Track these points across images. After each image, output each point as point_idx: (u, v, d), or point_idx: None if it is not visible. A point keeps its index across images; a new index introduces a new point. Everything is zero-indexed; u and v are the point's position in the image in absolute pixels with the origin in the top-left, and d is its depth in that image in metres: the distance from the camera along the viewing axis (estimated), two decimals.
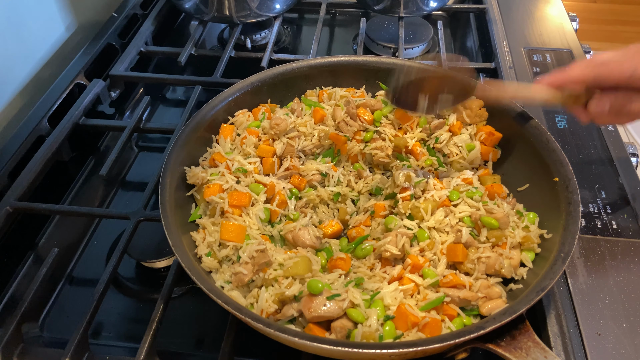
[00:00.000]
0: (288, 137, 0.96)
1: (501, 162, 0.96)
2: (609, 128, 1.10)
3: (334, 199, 0.92)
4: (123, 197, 1.09)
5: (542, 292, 0.68)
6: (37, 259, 0.96)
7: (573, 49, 1.32)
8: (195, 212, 0.88)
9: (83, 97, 1.16)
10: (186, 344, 0.84)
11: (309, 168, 0.94)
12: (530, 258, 0.80)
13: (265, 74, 1.03)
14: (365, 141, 0.99)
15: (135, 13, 1.46)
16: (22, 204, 0.94)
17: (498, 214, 0.82)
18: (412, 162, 0.96)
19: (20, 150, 1.03)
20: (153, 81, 1.31)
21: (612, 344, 0.76)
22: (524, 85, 0.93)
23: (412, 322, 0.71)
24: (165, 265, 0.92)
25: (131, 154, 1.18)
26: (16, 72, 1.19)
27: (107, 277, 0.82)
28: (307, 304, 0.71)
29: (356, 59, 1.08)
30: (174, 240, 0.75)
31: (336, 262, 0.80)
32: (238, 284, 0.76)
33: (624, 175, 1.00)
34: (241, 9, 1.33)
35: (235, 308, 0.67)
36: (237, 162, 0.90)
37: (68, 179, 1.11)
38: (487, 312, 0.73)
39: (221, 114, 0.98)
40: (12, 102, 1.18)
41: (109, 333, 0.86)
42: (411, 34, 1.43)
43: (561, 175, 0.83)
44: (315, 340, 0.65)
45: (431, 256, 0.81)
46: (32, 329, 0.85)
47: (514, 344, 0.67)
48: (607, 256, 0.87)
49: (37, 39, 1.26)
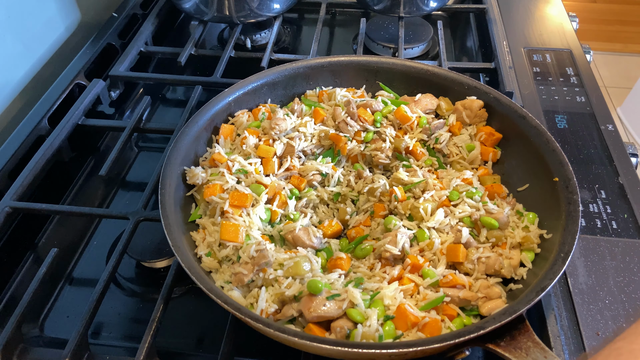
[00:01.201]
0: (288, 137, 0.96)
1: (501, 162, 0.96)
2: (609, 128, 1.10)
3: (334, 199, 0.93)
4: (123, 197, 1.09)
5: (542, 292, 0.68)
6: (37, 259, 0.96)
7: (573, 49, 1.32)
8: (195, 212, 0.88)
9: (83, 97, 1.15)
10: (186, 344, 0.84)
11: (309, 168, 0.94)
12: (530, 258, 0.80)
13: (265, 74, 1.03)
14: (366, 142, 0.99)
15: (135, 13, 1.46)
16: (21, 204, 0.94)
17: (498, 214, 0.82)
18: (412, 162, 0.96)
19: (20, 150, 1.03)
20: (153, 81, 1.31)
21: None
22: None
23: (412, 322, 0.71)
24: (165, 265, 0.92)
25: (131, 154, 1.18)
26: (16, 72, 1.19)
27: (107, 277, 0.82)
28: (307, 303, 0.71)
29: (356, 59, 1.08)
30: (173, 240, 0.75)
31: (336, 262, 0.80)
32: (238, 284, 0.76)
33: (624, 175, 1.00)
34: (241, 9, 1.33)
35: (235, 308, 0.67)
36: (238, 162, 0.90)
37: (68, 179, 1.11)
38: (486, 312, 0.73)
39: (221, 114, 0.98)
40: (12, 102, 1.18)
41: (109, 333, 0.86)
42: (411, 34, 1.43)
43: (561, 175, 0.83)
44: (315, 340, 0.65)
45: (431, 256, 0.81)
46: (32, 329, 0.85)
47: (513, 344, 0.67)
48: (607, 256, 0.87)
49: (37, 39, 1.26)
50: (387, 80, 1.07)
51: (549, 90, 1.20)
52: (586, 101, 1.17)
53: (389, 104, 1.01)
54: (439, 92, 1.04)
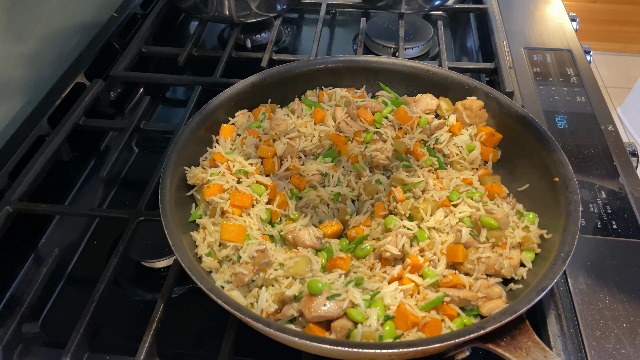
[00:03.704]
0: (288, 137, 0.96)
1: (501, 162, 0.96)
2: (609, 128, 1.10)
3: (334, 199, 0.93)
4: (123, 197, 1.09)
5: (542, 292, 0.68)
6: (37, 259, 0.96)
7: (573, 49, 1.32)
8: (195, 212, 0.88)
9: (83, 97, 1.15)
10: (187, 344, 0.84)
11: (309, 168, 0.94)
12: (530, 258, 0.80)
13: (265, 74, 1.03)
14: (366, 142, 0.99)
15: (135, 13, 1.46)
16: (22, 204, 0.94)
17: (498, 214, 0.82)
18: (412, 162, 0.96)
19: (20, 150, 1.03)
20: (153, 81, 1.31)
21: (612, 344, 0.76)
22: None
23: (412, 322, 0.71)
24: (165, 265, 0.92)
25: (131, 154, 1.18)
26: (16, 72, 1.19)
27: (107, 277, 0.82)
28: (307, 303, 0.71)
29: (356, 59, 1.08)
30: (174, 240, 0.75)
31: (336, 262, 0.80)
32: (238, 283, 0.77)
33: (624, 175, 1.00)
34: (241, 8, 1.32)
35: (235, 308, 0.67)
36: (238, 162, 0.90)
37: (68, 179, 1.11)
38: (487, 312, 0.73)
39: (221, 114, 0.98)
40: (12, 102, 1.17)
41: (109, 333, 0.86)
42: (411, 33, 1.43)
43: (561, 175, 0.83)
44: (315, 340, 0.65)
45: (431, 256, 0.81)
46: (32, 329, 0.85)
47: (514, 344, 0.67)
48: (607, 256, 0.87)
49: (37, 39, 1.26)
50: (387, 81, 1.07)
51: (549, 90, 1.20)
52: (586, 101, 1.17)
53: (389, 104, 1.01)
54: (439, 92, 1.04)
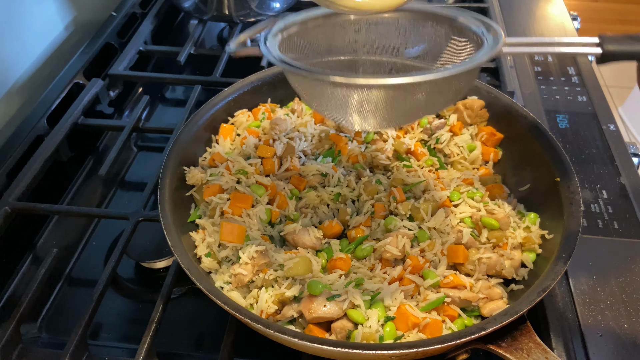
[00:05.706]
0: (288, 137, 0.95)
1: (502, 162, 0.96)
2: (611, 128, 1.10)
3: (334, 200, 0.92)
4: (122, 197, 1.08)
5: (543, 292, 0.68)
6: (36, 259, 0.96)
7: None
8: (194, 212, 0.87)
9: (82, 96, 1.15)
10: (186, 345, 0.83)
11: (309, 168, 0.93)
12: (531, 259, 0.80)
13: (265, 74, 1.03)
14: (366, 142, 0.98)
15: (135, 12, 1.45)
16: (20, 204, 0.93)
17: (499, 215, 0.81)
18: (412, 162, 0.95)
19: (18, 150, 1.03)
20: (152, 80, 1.30)
21: (614, 345, 0.76)
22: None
23: (412, 322, 0.70)
24: (164, 266, 0.92)
25: (130, 153, 1.18)
26: (15, 72, 1.19)
27: (106, 278, 0.81)
28: (307, 304, 0.71)
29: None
30: (173, 240, 0.74)
31: (336, 263, 0.80)
32: (238, 284, 0.76)
33: (626, 175, 1.00)
34: (241, 8, 1.32)
35: (235, 309, 0.67)
36: (238, 162, 0.90)
37: (67, 179, 1.11)
38: (488, 312, 0.73)
39: (221, 113, 0.98)
40: (11, 102, 1.17)
41: (108, 334, 0.85)
42: None
43: (562, 176, 0.83)
44: (315, 341, 0.64)
45: (432, 257, 0.80)
46: (31, 329, 0.84)
47: (515, 345, 0.67)
48: (609, 257, 0.87)
49: (35, 38, 1.25)
50: None
51: (550, 89, 1.20)
52: (587, 101, 1.16)
53: None
54: None
